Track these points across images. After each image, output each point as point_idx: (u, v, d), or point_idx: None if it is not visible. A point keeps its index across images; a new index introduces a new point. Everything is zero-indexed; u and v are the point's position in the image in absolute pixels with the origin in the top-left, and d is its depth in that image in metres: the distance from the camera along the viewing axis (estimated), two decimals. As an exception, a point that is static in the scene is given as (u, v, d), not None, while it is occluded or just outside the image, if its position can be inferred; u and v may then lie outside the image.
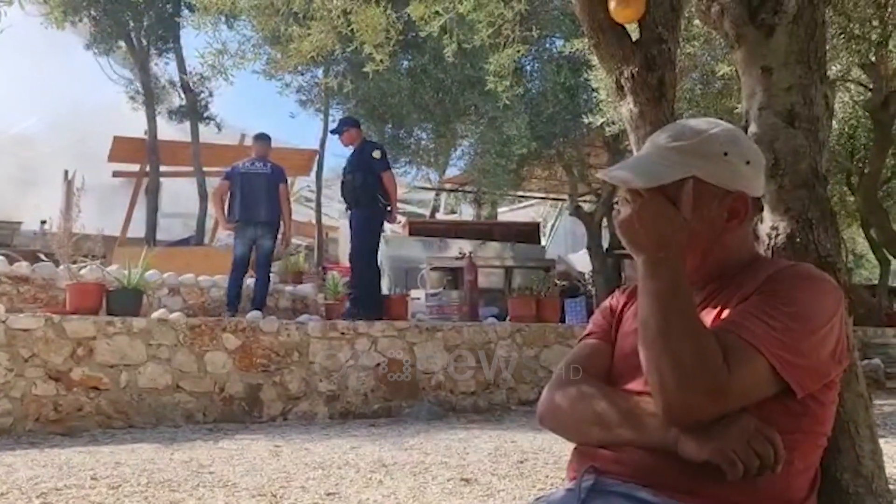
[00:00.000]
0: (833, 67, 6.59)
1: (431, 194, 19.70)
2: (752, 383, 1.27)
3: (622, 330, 1.57)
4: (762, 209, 1.76)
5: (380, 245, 8.41)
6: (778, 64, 1.95)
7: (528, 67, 10.58)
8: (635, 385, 1.42)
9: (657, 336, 1.29)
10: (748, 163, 1.45)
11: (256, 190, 8.10)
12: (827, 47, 2.07)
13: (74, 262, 6.78)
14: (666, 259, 1.33)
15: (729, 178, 1.43)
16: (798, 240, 1.81)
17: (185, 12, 11.72)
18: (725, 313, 1.38)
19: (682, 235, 1.36)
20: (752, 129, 1.95)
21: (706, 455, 1.23)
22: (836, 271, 1.76)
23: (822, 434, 1.40)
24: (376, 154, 7.94)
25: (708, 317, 1.39)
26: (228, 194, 8.26)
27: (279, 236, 8.43)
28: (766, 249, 1.86)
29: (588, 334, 1.63)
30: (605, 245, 11.59)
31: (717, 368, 1.24)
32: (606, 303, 1.68)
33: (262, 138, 8.62)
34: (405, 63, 11.22)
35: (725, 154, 1.43)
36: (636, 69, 2.75)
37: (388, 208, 7.99)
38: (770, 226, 1.85)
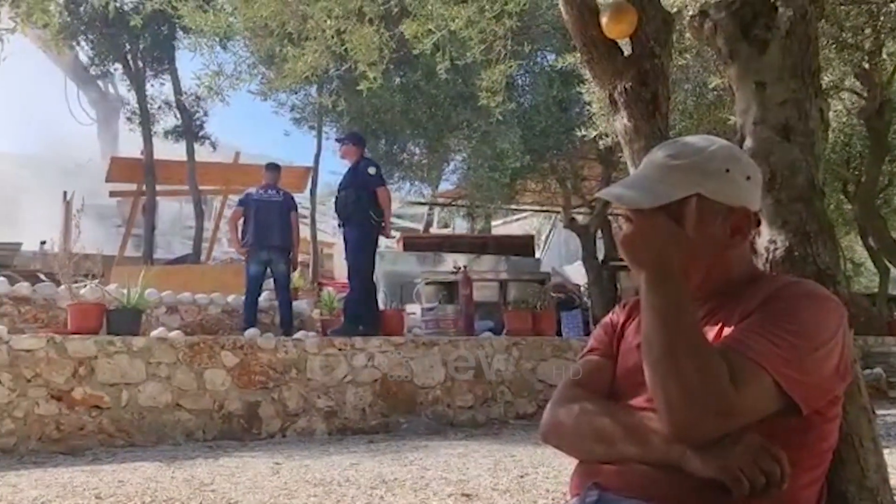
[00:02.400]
0: (827, 77, 6.65)
1: (424, 209, 19.73)
2: (758, 401, 1.27)
3: (624, 346, 1.57)
4: (759, 223, 1.79)
5: (375, 260, 8.48)
6: (772, 79, 1.99)
7: (520, 82, 10.65)
8: (638, 401, 1.42)
9: (662, 355, 1.29)
10: (748, 178, 1.47)
11: (271, 216, 8.54)
12: (820, 57, 2.11)
13: (75, 282, 6.80)
14: (668, 276, 1.34)
15: (732, 195, 1.44)
16: (796, 253, 1.83)
17: (180, 34, 11.79)
18: (727, 330, 1.38)
19: (684, 252, 1.37)
20: (748, 143, 1.98)
21: (711, 472, 1.24)
22: (836, 284, 1.78)
23: (828, 449, 1.41)
24: (372, 170, 8.06)
25: (709, 333, 1.39)
26: (242, 219, 8.69)
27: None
28: (764, 263, 1.87)
29: (589, 350, 1.63)
30: (601, 257, 11.63)
31: (724, 387, 1.24)
32: (607, 318, 1.67)
33: (273, 168, 9.08)
34: (398, 80, 11.30)
35: (727, 171, 1.44)
36: (629, 84, 2.78)
37: (382, 224, 8.07)
38: (768, 239, 1.87)
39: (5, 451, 5.43)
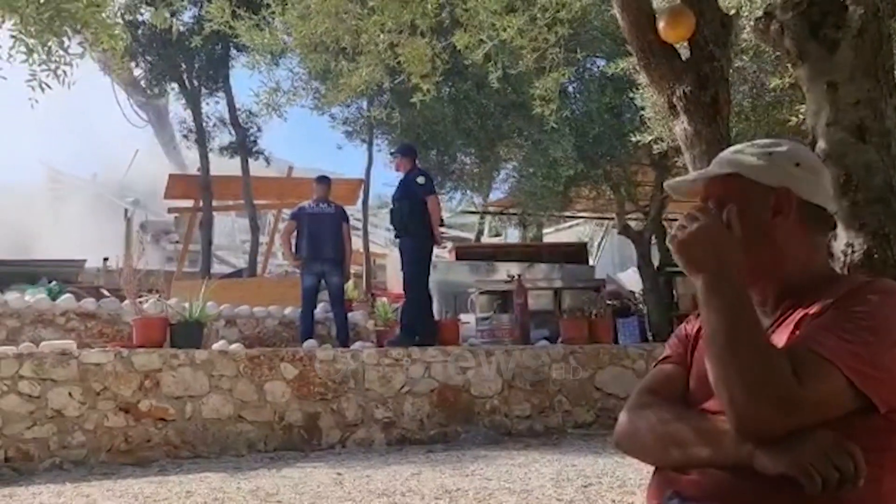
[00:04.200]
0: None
1: (475, 218, 19.73)
2: (827, 397, 1.24)
3: (697, 353, 1.55)
4: (835, 226, 1.75)
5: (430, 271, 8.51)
6: (844, 79, 1.95)
7: (571, 89, 10.60)
8: (711, 405, 1.40)
9: (723, 351, 1.29)
10: (798, 164, 1.47)
11: (323, 229, 8.60)
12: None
13: (138, 297, 6.97)
14: (726, 276, 1.34)
15: (773, 175, 1.45)
16: (876, 256, 1.78)
17: (234, 52, 12.04)
18: (798, 332, 1.36)
19: (738, 250, 1.38)
20: (820, 145, 1.95)
21: (782, 468, 1.22)
22: (919, 286, 1.73)
23: None
24: (420, 179, 8.11)
25: (781, 335, 1.38)
26: (295, 233, 8.79)
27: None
28: (841, 267, 1.83)
29: (663, 359, 1.63)
30: (656, 263, 11.48)
31: (787, 380, 1.23)
32: (681, 327, 1.67)
33: (323, 180, 9.19)
34: (448, 90, 11.34)
35: (770, 154, 1.47)
36: (688, 88, 2.75)
37: (432, 233, 8.13)
38: (845, 242, 1.83)
39: (76, 462, 5.58)
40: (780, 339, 1.37)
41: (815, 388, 1.24)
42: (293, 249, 8.84)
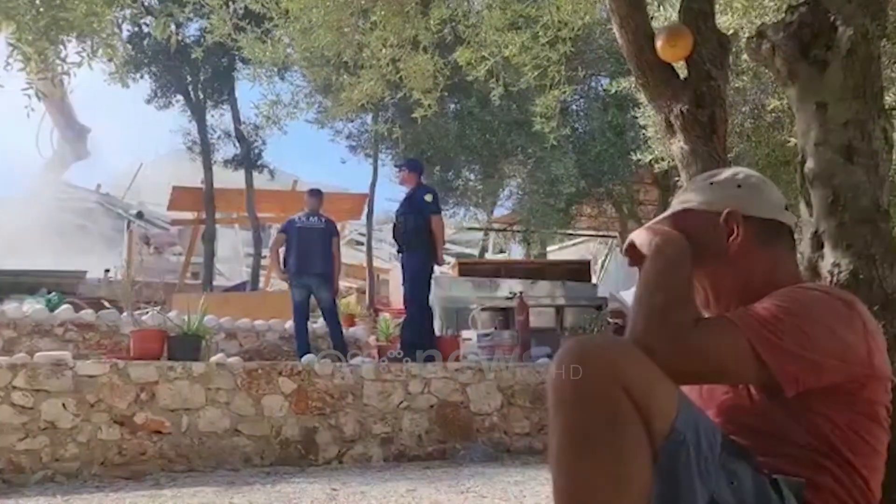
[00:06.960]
0: (888, 96, 6.48)
1: (479, 235, 19.75)
2: (720, 348, 1.31)
3: None
4: (822, 245, 1.75)
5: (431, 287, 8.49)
6: (833, 99, 1.95)
7: (574, 107, 10.64)
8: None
9: (647, 286, 1.41)
10: (739, 186, 1.55)
11: (312, 243, 8.54)
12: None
13: (137, 309, 6.97)
14: (671, 244, 1.48)
15: (717, 201, 1.53)
16: (861, 276, 1.78)
17: (240, 65, 12.10)
18: None
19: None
20: (809, 165, 1.95)
21: None
22: (904, 308, 1.73)
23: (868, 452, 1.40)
24: (428, 197, 8.08)
25: None
26: (284, 246, 8.70)
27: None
28: (828, 286, 1.83)
29: None
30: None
31: (685, 322, 1.32)
32: None
33: (315, 194, 9.07)
34: (452, 106, 11.38)
35: (711, 184, 1.57)
36: (686, 107, 2.75)
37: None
38: (832, 262, 1.83)
39: (69, 475, 5.54)
40: None
41: (708, 337, 1.32)
42: (282, 264, 8.77)
